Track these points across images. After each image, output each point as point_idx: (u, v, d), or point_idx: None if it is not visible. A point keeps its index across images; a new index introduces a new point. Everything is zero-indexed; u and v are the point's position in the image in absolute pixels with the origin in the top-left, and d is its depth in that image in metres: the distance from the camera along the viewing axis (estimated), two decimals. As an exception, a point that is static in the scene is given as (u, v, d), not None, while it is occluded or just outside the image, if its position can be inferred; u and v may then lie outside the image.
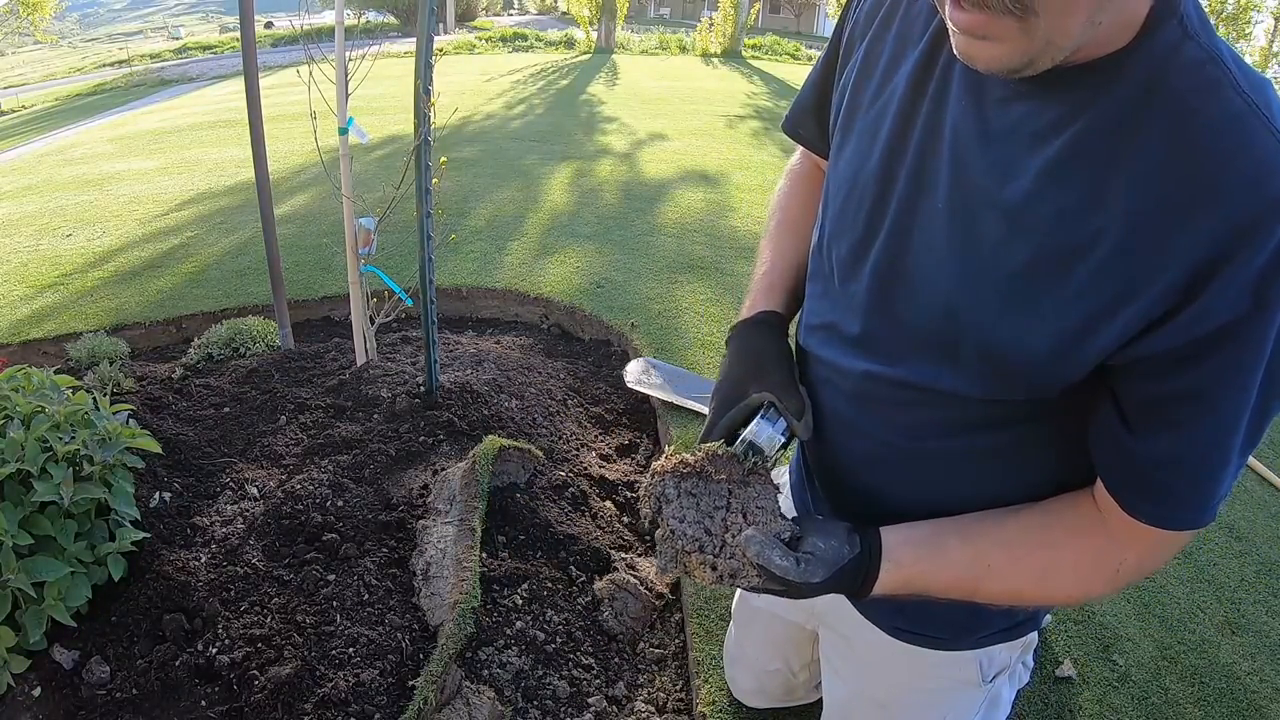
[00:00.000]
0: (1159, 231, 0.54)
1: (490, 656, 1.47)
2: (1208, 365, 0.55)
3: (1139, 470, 0.61)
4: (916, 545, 0.71)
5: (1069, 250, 0.57)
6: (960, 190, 0.64)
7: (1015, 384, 0.64)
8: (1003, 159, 0.61)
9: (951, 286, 0.65)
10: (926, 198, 0.66)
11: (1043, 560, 0.69)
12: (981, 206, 0.62)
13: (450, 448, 1.96)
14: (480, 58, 13.25)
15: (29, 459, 1.28)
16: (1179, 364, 0.55)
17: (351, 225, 2.09)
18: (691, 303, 3.10)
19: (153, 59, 16.50)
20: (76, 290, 3.12)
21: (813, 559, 0.68)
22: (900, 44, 0.71)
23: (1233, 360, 0.54)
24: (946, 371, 0.67)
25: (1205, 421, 0.57)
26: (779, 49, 15.91)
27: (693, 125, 6.96)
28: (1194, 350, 0.54)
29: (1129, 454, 0.61)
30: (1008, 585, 0.70)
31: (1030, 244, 0.59)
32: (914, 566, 0.70)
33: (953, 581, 0.70)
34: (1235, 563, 1.94)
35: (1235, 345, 0.53)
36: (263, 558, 1.56)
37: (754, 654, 1.31)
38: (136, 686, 1.27)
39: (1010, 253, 0.60)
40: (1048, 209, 0.58)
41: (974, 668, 0.92)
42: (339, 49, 1.95)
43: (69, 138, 6.86)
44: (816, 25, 32.29)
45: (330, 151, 2.10)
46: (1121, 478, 0.63)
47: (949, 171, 0.64)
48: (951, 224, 0.64)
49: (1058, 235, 0.58)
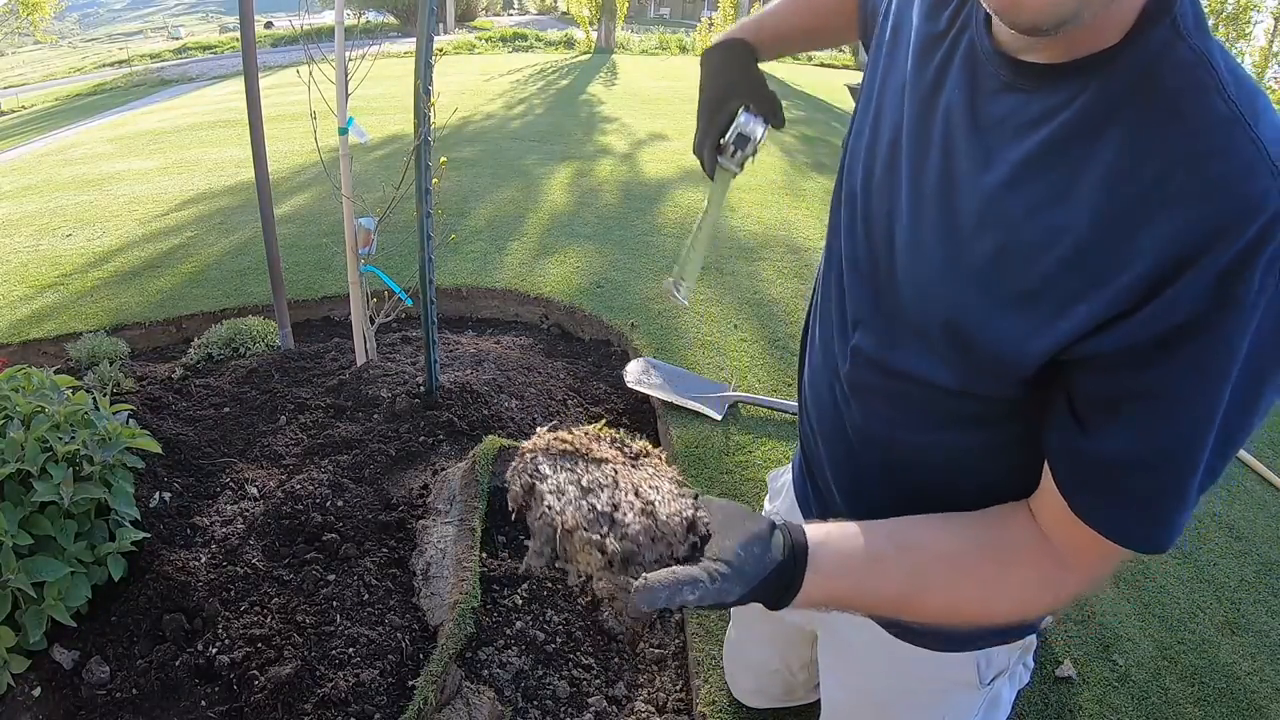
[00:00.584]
0: (1126, 228, 0.53)
1: (490, 656, 1.47)
2: (1165, 365, 0.53)
3: (1088, 467, 0.59)
4: (848, 556, 0.63)
5: (1035, 245, 0.58)
6: (946, 177, 0.65)
7: (982, 371, 0.64)
8: (986, 149, 0.62)
9: (929, 269, 0.66)
10: (918, 179, 0.68)
11: (986, 577, 0.65)
12: (962, 194, 0.63)
13: (450, 448, 1.96)
14: (480, 58, 13.25)
15: (29, 459, 1.28)
16: (1135, 361, 0.54)
17: (351, 225, 2.09)
18: (691, 302, 3.10)
19: (153, 59, 16.49)
20: (76, 290, 3.12)
21: (729, 575, 0.57)
22: None
23: (1192, 362, 0.52)
24: (924, 355, 0.68)
25: (1160, 425, 0.54)
26: (779, 49, 15.89)
27: (692, 125, 6.93)
28: (1152, 348, 0.53)
29: (1078, 453, 0.59)
30: (946, 602, 0.65)
31: (998, 235, 0.60)
32: (844, 579, 0.63)
33: (887, 597, 0.64)
34: (1235, 563, 1.94)
35: (1195, 346, 0.52)
36: (263, 558, 1.56)
37: (754, 654, 1.31)
38: (136, 686, 1.27)
39: (980, 242, 0.61)
40: (1018, 202, 0.59)
41: (972, 669, 0.91)
42: (339, 49, 1.95)
43: (69, 138, 6.86)
44: (816, 25, 32.19)
45: (330, 151, 2.10)
46: (1072, 477, 0.60)
47: (938, 157, 0.66)
48: (936, 208, 0.65)
49: (1024, 229, 0.58)
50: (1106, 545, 0.60)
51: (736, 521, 0.61)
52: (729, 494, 1.98)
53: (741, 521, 0.61)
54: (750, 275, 3.45)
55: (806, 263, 3.67)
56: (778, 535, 0.61)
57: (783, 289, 3.34)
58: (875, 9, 0.83)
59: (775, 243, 3.91)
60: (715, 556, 0.58)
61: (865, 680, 1.02)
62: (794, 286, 3.37)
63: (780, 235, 4.04)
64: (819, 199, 4.83)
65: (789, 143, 6.53)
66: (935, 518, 0.67)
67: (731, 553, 0.58)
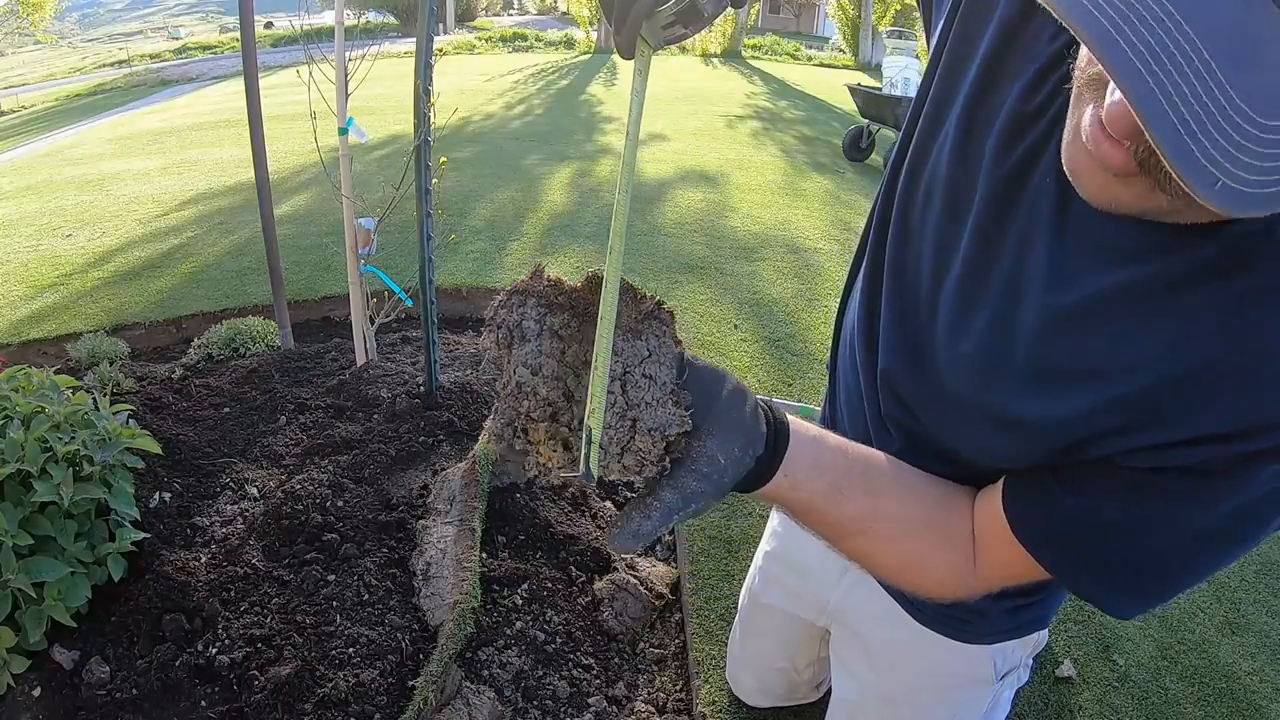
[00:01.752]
0: (1189, 398, 0.52)
1: (490, 656, 1.47)
2: (1161, 490, 0.54)
3: (1056, 518, 0.60)
4: (818, 475, 0.62)
5: (1098, 372, 0.56)
6: (1012, 285, 0.61)
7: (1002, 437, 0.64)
8: (1067, 261, 0.57)
9: (968, 367, 0.65)
10: (981, 262, 0.64)
11: (920, 550, 0.67)
12: (1025, 306, 0.60)
13: (450, 448, 1.97)
14: (480, 58, 13.25)
15: (29, 459, 1.28)
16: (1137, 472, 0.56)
17: (351, 225, 2.10)
18: (691, 303, 3.10)
19: (153, 59, 16.49)
20: (76, 290, 3.12)
21: (704, 489, 0.53)
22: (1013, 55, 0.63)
23: (1184, 491, 0.53)
24: (950, 418, 0.69)
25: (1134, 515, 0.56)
26: (779, 49, 15.92)
27: (693, 125, 6.96)
28: (1152, 471, 0.55)
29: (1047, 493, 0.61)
30: (873, 551, 0.68)
31: (1063, 352, 0.58)
32: (804, 494, 0.62)
33: (829, 523, 0.66)
34: (1235, 563, 1.94)
35: (1193, 482, 0.53)
36: (263, 558, 1.56)
37: (759, 651, 1.31)
38: (136, 686, 1.27)
39: (1041, 350, 0.59)
40: (1095, 331, 0.56)
41: (989, 664, 0.92)
42: (339, 49, 1.95)
43: (69, 138, 6.86)
44: (816, 25, 32.25)
45: (330, 151, 2.10)
46: (1021, 501, 0.63)
47: (1009, 263, 0.61)
48: (992, 309, 0.63)
49: (1092, 357, 0.56)
50: (1020, 568, 0.62)
51: (725, 415, 0.55)
52: (729, 494, 1.98)
53: (730, 416, 0.55)
54: (750, 275, 3.46)
55: (806, 263, 3.67)
56: (760, 433, 0.57)
57: (783, 289, 3.34)
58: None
59: (775, 243, 3.91)
60: (692, 464, 0.52)
61: (880, 676, 1.02)
62: (794, 286, 3.37)
63: (780, 235, 4.04)
64: (819, 199, 4.83)
65: (789, 143, 6.53)
66: (907, 477, 0.69)
67: (710, 462, 0.53)
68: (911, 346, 0.72)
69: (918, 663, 0.96)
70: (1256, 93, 0.37)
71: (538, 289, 0.53)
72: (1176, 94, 0.37)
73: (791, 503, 0.63)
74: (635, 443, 0.51)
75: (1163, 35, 0.37)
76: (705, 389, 0.54)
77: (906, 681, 0.99)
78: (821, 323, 3.03)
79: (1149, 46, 0.37)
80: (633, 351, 0.52)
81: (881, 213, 0.77)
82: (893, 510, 0.66)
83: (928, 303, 0.69)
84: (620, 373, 0.51)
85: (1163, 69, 0.37)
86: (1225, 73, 0.37)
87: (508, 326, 0.52)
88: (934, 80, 0.70)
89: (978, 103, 0.65)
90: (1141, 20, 0.37)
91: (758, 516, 1.91)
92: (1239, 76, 0.37)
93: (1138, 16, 0.37)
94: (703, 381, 0.55)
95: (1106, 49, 0.37)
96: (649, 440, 0.51)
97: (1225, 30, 0.37)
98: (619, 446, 0.51)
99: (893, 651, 0.98)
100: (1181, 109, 0.37)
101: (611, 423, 0.50)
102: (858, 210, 4.63)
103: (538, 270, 0.54)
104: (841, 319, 0.94)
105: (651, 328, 0.53)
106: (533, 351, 0.52)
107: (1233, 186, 0.37)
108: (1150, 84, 0.37)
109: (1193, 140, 0.37)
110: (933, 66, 0.71)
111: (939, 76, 0.70)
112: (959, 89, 0.67)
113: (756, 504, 1.95)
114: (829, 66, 14.75)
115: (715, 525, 1.87)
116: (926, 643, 0.92)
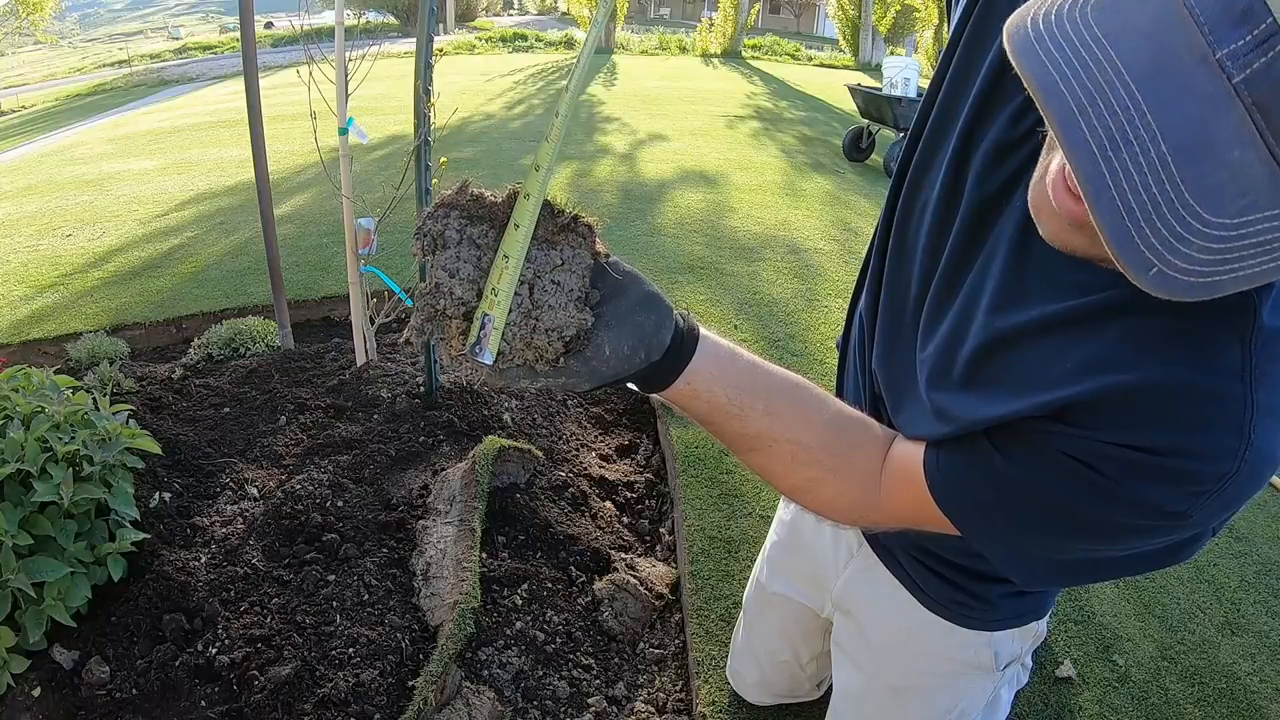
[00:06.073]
0: (1102, 414, 0.55)
1: (490, 657, 1.47)
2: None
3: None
4: (721, 387, 0.64)
5: (1020, 386, 0.60)
6: (976, 290, 0.66)
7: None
8: (1018, 287, 0.62)
9: (922, 369, 0.71)
10: (952, 279, 0.69)
11: (814, 475, 0.70)
12: (978, 313, 0.64)
13: (450, 448, 1.97)
14: (480, 58, 13.24)
15: (29, 459, 1.28)
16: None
17: (351, 225, 2.09)
18: (691, 303, 3.10)
19: (153, 59, 16.48)
20: (76, 290, 3.12)
21: (580, 370, 0.58)
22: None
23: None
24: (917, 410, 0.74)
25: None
26: (779, 49, 15.91)
27: (693, 125, 6.96)
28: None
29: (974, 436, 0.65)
30: (770, 468, 0.70)
31: (992, 369, 0.62)
32: (705, 399, 0.64)
33: (728, 434, 0.68)
34: (1235, 563, 1.94)
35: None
36: (262, 558, 1.56)
37: (764, 643, 1.31)
38: (136, 687, 1.27)
39: (976, 363, 0.64)
40: (1026, 351, 0.60)
41: (989, 652, 0.93)
42: (339, 49, 1.95)
43: (69, 138, 6.86)
44: (816, 25, 32.26)
45: (330, 151, 2.10)
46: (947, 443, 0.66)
47: (980, 266, 0.66)
48: (951, 323, 0.68)
49: (1017, 373, 0.61)
50: (927, 508, 0.66)
51: (625, 313, 0.59)
52: (729, 495, 1.98)
53: (630, 315, 0.59)
54: (750, 275, 3.46)
55: (806, 263, 3.67)
56: (661, 338, 0.60)
57: (782, 289, 3.34)
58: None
59: (775, 243, 3.91)
60: (579, 349, 0.57)
61: (883, 665, 1.03)
62: (794, 286, 3.37)
63: (780, 235, 4.04)
64: (818, 199, 4.83)
65: (789, 143, 6.53)
66: (817, 406, 0.69)
67: (596, 350, 0.57)
68: (893, 346, 0.78)
69: (919, 650, 0.96)
70: (1208, 190, 0.38)
71: (461, 202, 0.58)
72: (1127, 182, 0.38)
73: (692, 409, 0.66)
74: (535, 340, 0.57)
75: (1124, 123, 0.38)
76: (616, 291, 0.59)
77: (908, 669, 1.00)
78: (821, 323, 3.03)
79: (1109, 132, 0.38)
80: (545, 259, 0.57)
81: (886, 217, 0.80)
82: (792, 434, 0.68)
83: (913, 310, 0.74)
84: (530, 277, 0.57)
85: (1118, 156, 0.38)
86: (1180, 167, 0.38)
87: (432, 235, 0.58)
88: (944, 81, 0.71)
89: (976, 120, 0.67)
90: (1107, 105, 0.38)
91: (758, 517, 1.91)
92: (1193, 171, 0.38)
93: (1104, 101, 0.39)
94: (616, 285, 0.59)
95: (1065, 128, 0.39)
96: (546, 339, 0.57)
97: (1187, 125, 0.38)
98: (522, 342, 0.57)
99: (894, 641, 0.99)
100: (1129, 196, 0.38)
101: (517, 320, 0.56)
102: (857, 210, 4.63)
103: (463, 186, 0.59)
104: (855, 304, 0.96)
105: (568, 239, 0.58)
106: (451, 257, 0.57)
107: (1168, 274, 0.39)
108: (1102, 169, 0.39)
109: (1135, 227, 0.39)
110: (946, 59, 0.71)
111: (949, 80, 0.71)
112: (963, 100, 0.68)
113: (757, 504, 1.95)
114: (829, 67, 14.75)
115: (715, 525, 1.87)
116: (928, 630, 0.93)
